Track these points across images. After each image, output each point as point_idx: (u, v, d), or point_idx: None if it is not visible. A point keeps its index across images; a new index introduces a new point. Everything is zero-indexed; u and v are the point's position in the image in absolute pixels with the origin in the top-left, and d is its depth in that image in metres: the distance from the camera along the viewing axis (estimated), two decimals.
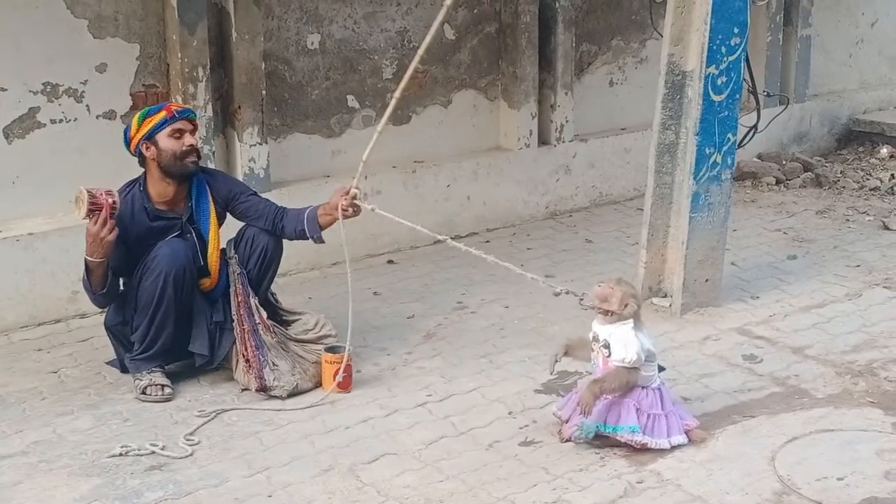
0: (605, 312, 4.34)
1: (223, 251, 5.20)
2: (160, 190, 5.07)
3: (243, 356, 5.00)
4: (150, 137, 4.99)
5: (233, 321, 5.06)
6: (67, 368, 5.30)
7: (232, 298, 5.09)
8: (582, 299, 4.46)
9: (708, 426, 4.63)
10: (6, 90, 5.72)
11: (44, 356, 5.46)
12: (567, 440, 4.44)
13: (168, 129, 4.99)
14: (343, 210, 5.01)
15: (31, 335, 5.70)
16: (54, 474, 4.33)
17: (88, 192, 4.74)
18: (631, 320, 4.31)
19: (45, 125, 5.85)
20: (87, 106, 5.96)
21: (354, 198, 5.03)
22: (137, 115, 5.07)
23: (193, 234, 5.11)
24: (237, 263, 5.13)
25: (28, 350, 5.53)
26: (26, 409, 4.91)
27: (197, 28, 6.07)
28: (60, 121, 5.90)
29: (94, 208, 4.75)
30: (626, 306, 4.30)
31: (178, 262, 4.94)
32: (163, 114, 5.00)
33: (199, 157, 5.10)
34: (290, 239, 5.23)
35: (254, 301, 5.10)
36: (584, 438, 4.39)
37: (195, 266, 5.06)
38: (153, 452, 4.48)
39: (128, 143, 5.07)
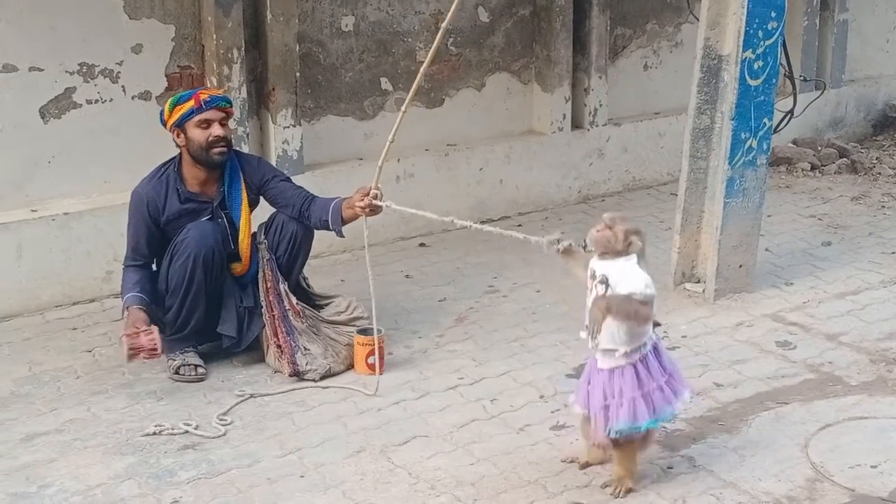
0: (608, 254, 3.88)
1: (254, 236, 5.21)
2: (193, 173, 5.09)
3: (275, 342, 5.02)
4: (180, 125, 5.01)
5: (262, 307, 5.08)
6: (102, 347, 5.34)
7: (261, 284, 5.11)
8: (585, 246, 3.98)
9: (741, 412, 4.62)
10: (42, 70, 5.75)
11: (78, 335, 5.51)
12: (602, 445, 4.04)
13: (196, 119, 4.98)
14: (363, 209, 4.96)
15: (65, 314, 5.75)
16: (89, 452, 4.38)
17: (127, 336, 4.76)
18: (635, 256, 3.87)
19: (80, 105, 5.89)
20: (122, 87, 5.99)
21: (376, 198, 4.94)
22: (170, 100, 5.08)
23: (224, 219, 5.13)
24: (266, 249, 5.14)
25: (63, 329, 5.58)
26: (61, 387, 4.96)
27: (232, 9, 6.08)
28: (96, 101, 5.93)
29: (134, 352, 4.77)
30: (629, 245, 3.86)
31: (207, 244, 4.96)
32: (191, 103, 4.99)
33: (228, 147, 5.08)
34: (316, 228, 5.22)
35: (283, 287, 5.11)
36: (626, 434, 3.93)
37: (224, 248, 5.07)
38: (186, 432, 4.51)
39: (164, 124, 5.10)
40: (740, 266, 5.87)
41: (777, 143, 7.93)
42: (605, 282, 3.86)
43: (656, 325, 4.03)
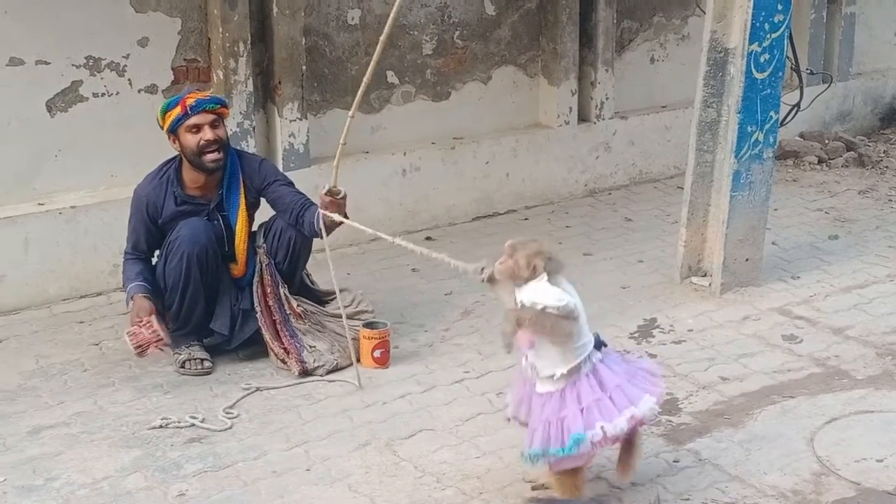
0: (520, 282, 3.79)
1: (254, 236, 5.18)
2: (192, 177, 5.07)
3: (279, 346, 5.01)
4: (173, 131, 4.98)
5: (257, 311, 5.07)
6: (108, 341, 5.35)
7: (256, 289, 5.09)
8: (483, 269, 3.94)
9: (746, 406, 4.61)
10: (49, 63, 5.75)
11: (85, 328, 5.52)
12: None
13: (185, 125, 4.94)
14: (326, 212, 4.87)
15: (72, 307, 5.75)
16: (95, 445, 4.39)
17: (130, 335, 4.78)
18: (545, 275, 3.75)
19: (87, 99, 5.89)
20: (129, 80, 5.99)
21: (338, 195, 4.87)
22: (160, 106, 5.05)
23: (220, 221, 5.10)
24: (265, 254, 5.11)
25: (70, 322, 5.58)
26: (68, 380, 4.97)
27: (238, 3, 6.07)
28: (102, 94, 5.93)
29: (140, 348, 4.79)
30: (534, 268, 3.74)
31: (199, 243, 4.95)
32: (178, 110, 4.94)
33: (221, 149, 4.99)
34: (308, 235, 5.13)
35: (283, 291, 5.10)
36: (531, 465, 3.80)
37: (217, 244, 5.05)
38: (193, 425, 4.52)
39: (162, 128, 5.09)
40: (747, 260, 5.87)
41: (784, 136, 7.92)
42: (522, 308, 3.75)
43: (602, 345, 3.86)
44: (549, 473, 3.84)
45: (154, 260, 5.17)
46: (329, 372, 4.98)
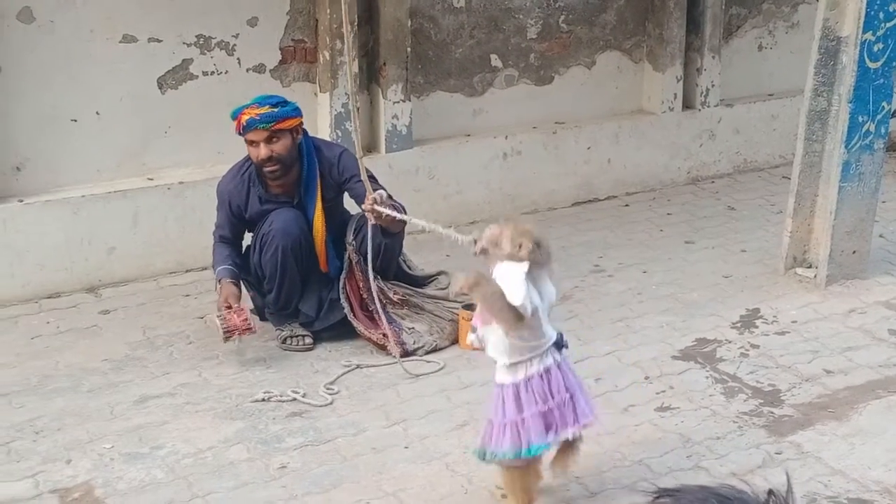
0: (506, 258, 3.68)
1: (332, 230, 5.20)
2: None
3: (378, 332, 5.01)
4: (242, 136, 5.05)
5: (343, 305, 5.10)
6: (213, 314, 5.43)
7: (343, 284, 5.11)
8: (476, 241, 3.79)
9: (851, 400, 4.54)
10: (161, 41, 5.86)
11: (191, 302, 5.63)
12: None
13: (245, 138, 5.01)
14: (375, 218, 4.76)
15: (178, 281, 5.87)
16: (199, 416, 4.49)
17: (220, 318, 4.87)
18: (527, 264, 3.63)
19: (197, 77, 5.99)
20: (237, 59, 6.08)
21: (377, 202, 4.72)
22: (231, 111, 5.09)
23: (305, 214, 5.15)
24: (354, 251, 5.12)
25: (176, 295, 5.70)
26: (174, 352, 5.08)
27: None
28: (212, 73, 6.03)
29: (229, 333, 4.87)
30: (519, 247, 3.62)
31: (292, 235, 5.02)
32: (236, 124, 5.00)
33: (278, 163, 4.98)
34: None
35: (376, 284, 5.04)
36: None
37: (309, 233, 5.10)
38: (294, 399, 4.60)
39: None
40: (854, 252, 5.75)
41: (894, 127, 7.72)
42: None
43: (562, 346, 3.76)
44: (505, 485, 3.81)
45: (244, 244, 5.27)
46: (428, 353, 5.01)
